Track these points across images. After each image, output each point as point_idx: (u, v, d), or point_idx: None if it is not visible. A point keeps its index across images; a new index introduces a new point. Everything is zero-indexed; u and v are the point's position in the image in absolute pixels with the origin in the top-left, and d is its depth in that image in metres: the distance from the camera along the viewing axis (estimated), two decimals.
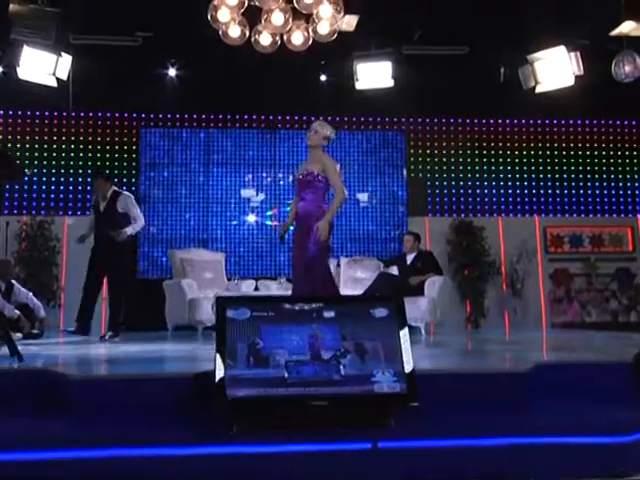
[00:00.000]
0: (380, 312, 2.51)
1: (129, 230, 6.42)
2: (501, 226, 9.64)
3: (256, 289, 7.43)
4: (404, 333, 2.50)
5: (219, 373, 2.39)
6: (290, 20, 5.86)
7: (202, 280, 7.28)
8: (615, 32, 7.96)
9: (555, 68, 8.31)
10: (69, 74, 8.03)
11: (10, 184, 9.02)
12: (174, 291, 7.28)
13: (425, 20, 8.21)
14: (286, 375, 2.34)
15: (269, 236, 9.11)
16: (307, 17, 6.16)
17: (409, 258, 7.02)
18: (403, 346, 2.47)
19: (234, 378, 2.36)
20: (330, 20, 5.91)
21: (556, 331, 8.41)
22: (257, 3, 5.54)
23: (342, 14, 5.83)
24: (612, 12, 7.68)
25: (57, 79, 7.91)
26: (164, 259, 9.02)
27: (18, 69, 7.72)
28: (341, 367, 2.39)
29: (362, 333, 2.45)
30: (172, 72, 8.93)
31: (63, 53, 7.91)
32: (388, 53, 8.49)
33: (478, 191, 10.01)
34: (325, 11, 5.75)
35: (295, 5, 5.61)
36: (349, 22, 7.39)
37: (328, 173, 4.93)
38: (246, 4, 5.63)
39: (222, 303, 2.50)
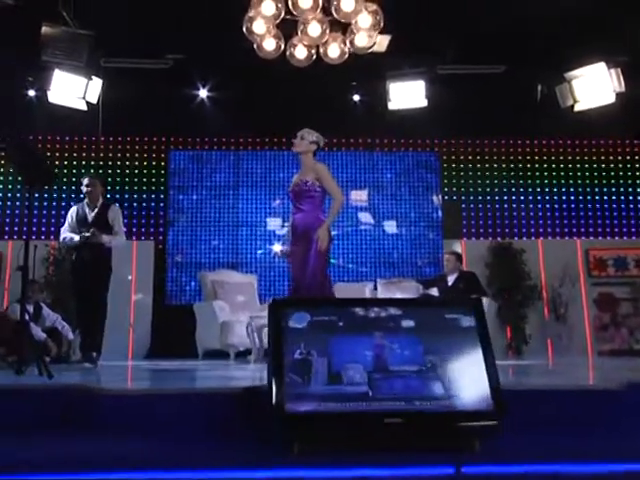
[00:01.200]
0: (463, 321, 2.19)
1: (106, 238, 5.71)
2: (541, 249, 9.27)
3: None
4: (487, 344, 2.18)
5: (276, 386, 2.09)
6: (327, 31, 5.68)
7: (234, 303, 7.00)
8: None
9: (594, 85, 8.03)
10: (99, 97, 7.97)
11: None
12: (205, 314, 7.00)
13: (459, 39, 8.02)
14: (356, 389, 2.03)
15: None
16: (344, 30, 6.00)
17: (450, 279, 6.69)
18: (487, 359, 2.15)
19: (294, 391, 2.05)
20: (368, 31, 5.73)
21: (605, 358, 7.93)
22: (294, 12, 5.38)
23: (381, 25, 5.64)
24: None
25: (87, 103, 7.84)
26: (193, 283, 8.79)
27: (49, 93, 7.68)
28: (417, 381, 2.06)
29: (445, 345, 2.13)
30: (202, 94, 8.83)
31: (93, 76, 7.85)
32: (421, 72, 8.31)
33: (515, 213, 9.68)
34: (364, 21, 5.56)
35: (334, 14, 5.43)
36: (381, 42, 7.21)
37: (323, 180, 4.77)
38: (282, 14, 5.47)
39: (279, 307, 2.20)
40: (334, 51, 6.04)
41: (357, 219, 9.17)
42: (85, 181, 5.98)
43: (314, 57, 6.11)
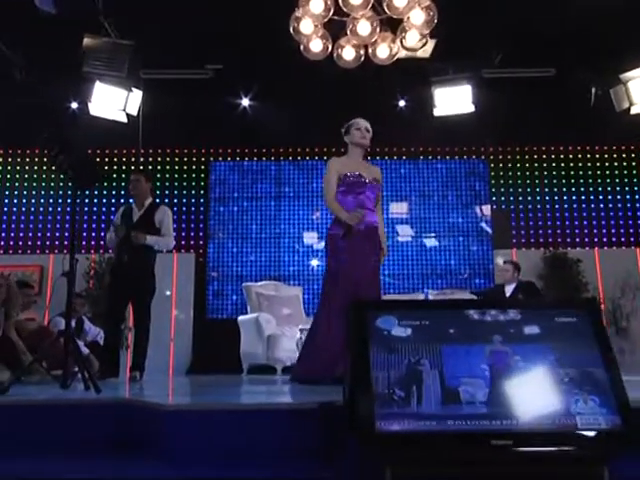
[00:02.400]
0: (580, 325, 1.87)
1: (150, 239, 5.29)
2: (597, 259, 8.80)
3: None
4: (610, 353, 1.86)
5: (363, 401, 1.79)
6: (377, 30, 5.43)
7: (280, 316, 6.73)
8: None
9: None
10: (139, 109, 7.87)
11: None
12: (250, 327, 6.73)
13: (506, 41, 7.70)
14: (477, 409, 1.71)
15: None
16: (393, 30, 5.76)
17: (508, 290, 6.31)
18: (611, 370, 1.82)
19: (390, 408, 1.75)
20: (421, 29, 5.46)
21: None
22: (344, 9, 5.15)
23: (435, 21, 5.37)
24: None
25: (127, 115, 7.75)
26: (234, 297, 8.56)
27: (90, 105, 7.60)
28: (545, 398, 1.74)
29: (570, 355, 1.81)
30: (245, 102, 8.67)
31: (133, 88, 7.76)
32: (467, 77, 8.00)
33: (567, 223, 9.24)
34: (417, 17, 5.30)
35: (386, 10, 5.18)
36: (425, 48, 6.96)
37: (381, 184, 4.52)
38: (331, 12, 5.25)
39: (366, 308, 1.91)
40: (383, 51, 5.78)
41: (396, 232, 8.85)
42: (131, 176, 5.78)
43: (362, 58, 5.86)
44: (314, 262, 8.67)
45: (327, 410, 2.10)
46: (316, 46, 5.65)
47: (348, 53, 5.79)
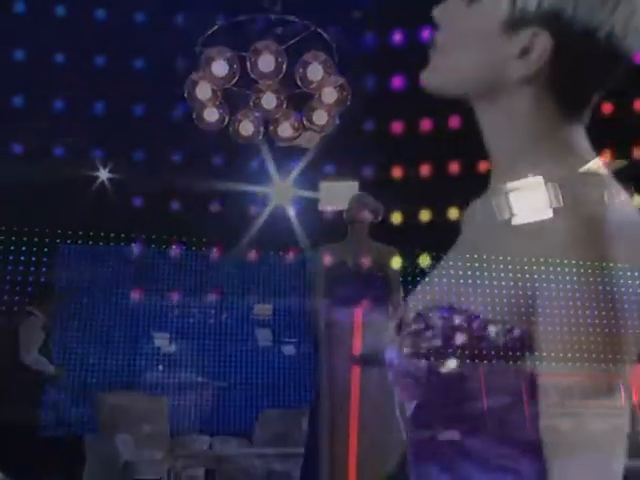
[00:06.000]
0: None
1: None
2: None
3: (210, 449, 5.64)
4: None
5: None
6: (284, 105, 4.85)
7: (139, 435, 5.43)
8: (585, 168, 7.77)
9: (531, 199, 7.82)
10: None
11: None
12: (100, 450, 5.34)
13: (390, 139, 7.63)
14: None
15: (218, 373, 7.46)
16: (297, 107, 5.24)
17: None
18: None
19: None
20: (330, 109, 4.97)
21: None
22: (252, 75, 4.51)
23: (347, 103, 4.91)
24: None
25: None
26: (73, 409, 7.00)
27: None
28: None
29: None
30: (103, 176, 7.57)
31: None
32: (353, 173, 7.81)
33: None
34: (329, 96, 4.81)
35: (297, 82, 4.63)
36: (311, 138, 6.66)
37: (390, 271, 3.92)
38: (236, 77, 4.58)
39: None
40: (286, 130, 5.20)
41: (255, 336, 8.05)
42: None
43: (261, 135, 5.24)
44: (161, 367, 7.55)
45: None
46: (211, 115, 4.93)
47: (246, 128, 5.13)
